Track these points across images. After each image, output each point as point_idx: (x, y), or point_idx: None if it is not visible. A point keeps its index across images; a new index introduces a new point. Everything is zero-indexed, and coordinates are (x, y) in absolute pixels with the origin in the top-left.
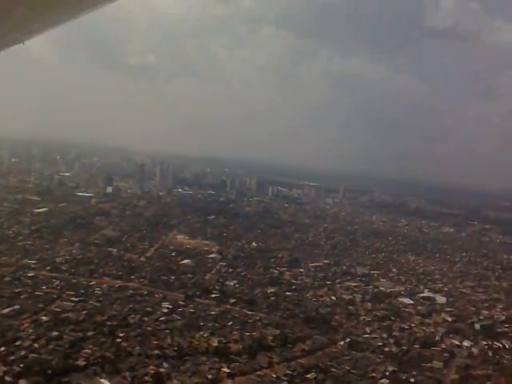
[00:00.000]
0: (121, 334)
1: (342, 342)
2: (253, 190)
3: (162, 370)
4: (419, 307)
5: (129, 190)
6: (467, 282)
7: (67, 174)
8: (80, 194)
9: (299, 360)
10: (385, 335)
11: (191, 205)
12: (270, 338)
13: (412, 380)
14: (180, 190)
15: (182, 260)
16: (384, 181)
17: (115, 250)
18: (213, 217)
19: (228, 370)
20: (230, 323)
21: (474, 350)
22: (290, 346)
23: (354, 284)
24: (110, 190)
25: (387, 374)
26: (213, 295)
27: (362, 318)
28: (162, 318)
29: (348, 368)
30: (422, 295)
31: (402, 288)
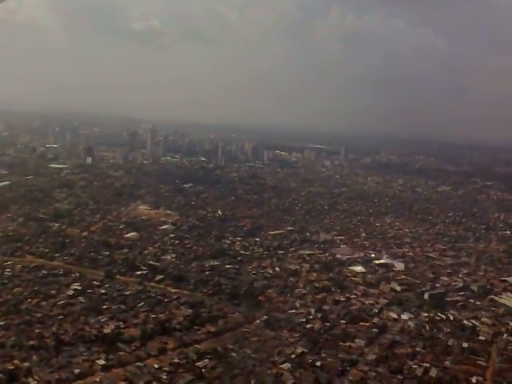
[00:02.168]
0: (1, 323)
1: (258, 321)
2: (248, 156)
3: (25, 364)
4: (369, 276)
5: (111, 160)
6: (439, 244)
7: (54, 146)
8: (54, 165)
9: (198, 345)
10: (313, 310)
11: (172, 173)
12: (179, 319)
13: (318, 363)
14: (169, 157)
15: (127, 233)
16: (394, 140)
17: (57, 224)
18: (189, 185)
19: (104, 362)
20: (140, 304)
21: (411, 324)
22: (196, 328)
23: (308, 252)
24: (89, 160)
25: (293, 357)
26: (139, 272)
27: (297, 290)
28: (61, 302)
29: (250, 352)
30: (379, 262)
31: (362, 254)
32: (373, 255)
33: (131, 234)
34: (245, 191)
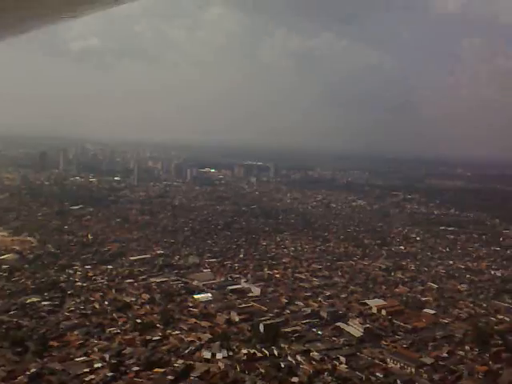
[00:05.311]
0: None
1: (26, 373)
2: (171, 174)
3: None
4: (212, 305)
5: (6, 182)
6: (317, 264)
7: None
8: None
9: None
10: (108, 355)
11: (68, 194)
12: None
13: None
14: (78, 178)
15: None
16: (338, 156)
17: None
18: (78, 207)
19: None
20: None
21: (221, 365)
22: None
23: (160, 280)
24: None
25: None
26: None
27: (109, 330)
28: None
29: None
30: (235, 287)
31: (222, 279)
32: (232, 279)
33: None
34: (139, 212)
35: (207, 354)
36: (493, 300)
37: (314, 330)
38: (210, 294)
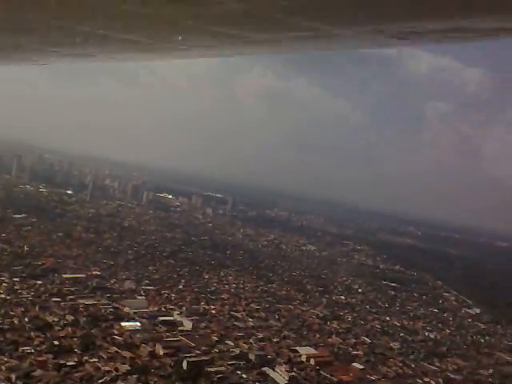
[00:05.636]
0: None
1: None
2: (127, 194)
3: None
4: (138, 335)
5: None
6: (255, 304)
7: None
8: None
9: None
10: None
11: (13, 202)
12: None
13: None
14: (28, 186)
15: None
16: (299, 199)
17: None
18: (22, 215)
19: None
20: None
21: None
22: None
23: (89, 302)
24: None
25: None
26: None
27: (22, 349)
28: None
29: None
30: (166, 318)
31: (156, 308)
32: (166, 310)
33: None
34: (84, 229)
35: None
36: (422, 362)
37: (238, 372)
38: (138, 323)
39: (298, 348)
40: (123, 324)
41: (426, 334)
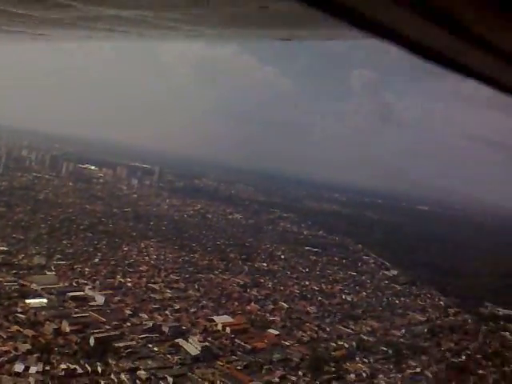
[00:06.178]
0: None
1: None
2: (44, 166)
3: None
4: (44, 312)
5: None
6: (175, 275)
7: None
8: None
9: None
10: None
11: None
12: None
13: None
14: None
15: None
16: (225, 167)
17: None
18: None
19: None
20: None
21: (31, 380)
22: None
23: None
24: None
25: None
26: None
27: None
28: None
29: None
30: (76, 294)
31: (66, 284)
32: (77, 285)
33: None
34: None
35: (19, 367)
36: (337, 325)
37: (149, 346)
38: (45, 300)
39: (214, 317)
40: (28, 301)
41: (344, 296)
